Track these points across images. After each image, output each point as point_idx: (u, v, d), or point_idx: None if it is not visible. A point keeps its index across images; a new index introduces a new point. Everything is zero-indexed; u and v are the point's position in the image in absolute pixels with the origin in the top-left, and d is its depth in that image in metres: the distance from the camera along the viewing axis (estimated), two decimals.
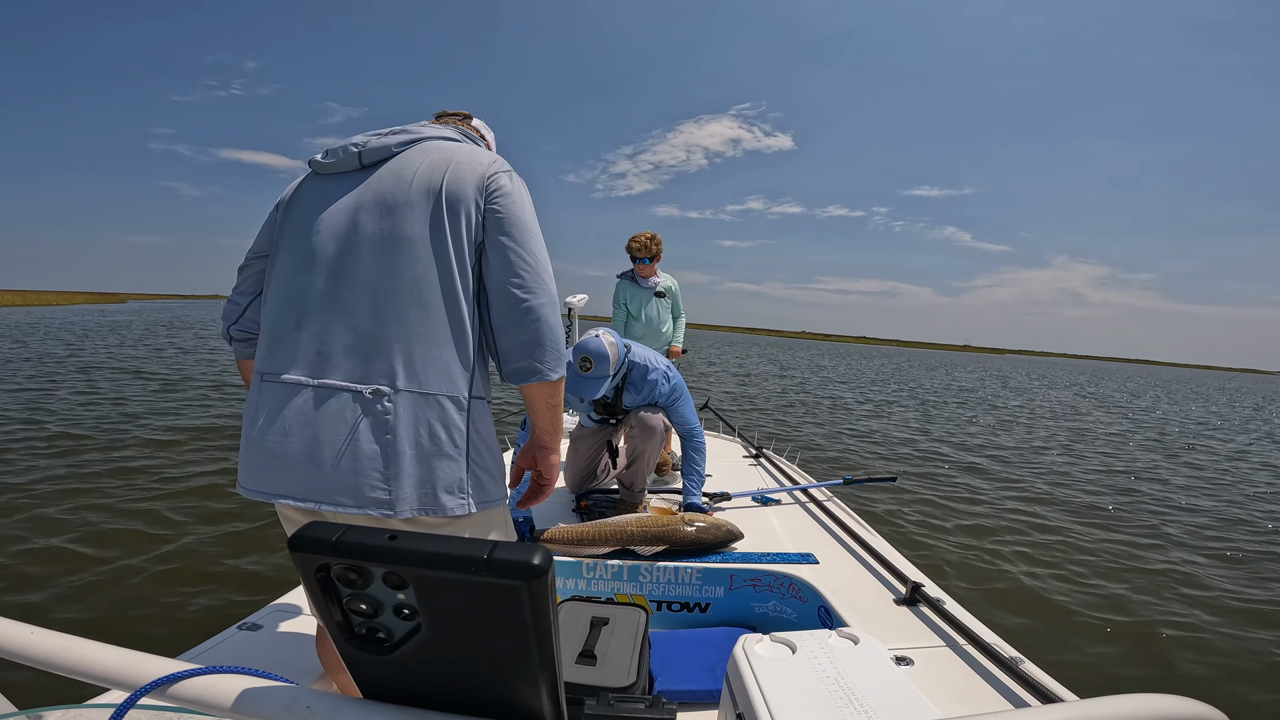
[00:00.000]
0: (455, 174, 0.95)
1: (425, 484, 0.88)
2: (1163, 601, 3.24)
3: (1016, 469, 6.52)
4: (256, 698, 0.47)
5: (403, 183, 0.95)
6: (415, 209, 0.93)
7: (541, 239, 0.99)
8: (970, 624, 1.37)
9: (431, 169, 0.95)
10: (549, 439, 1.05)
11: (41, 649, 0.51)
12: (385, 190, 0.95)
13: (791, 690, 0.93)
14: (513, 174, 1.00)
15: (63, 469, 4.32)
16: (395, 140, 1.00)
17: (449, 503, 0.90)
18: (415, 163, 0.97)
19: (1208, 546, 4.20)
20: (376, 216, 0.93)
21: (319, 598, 0.43)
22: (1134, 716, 0.46)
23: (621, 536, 1.85)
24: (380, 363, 0.89)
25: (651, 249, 3.13)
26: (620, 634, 1.32)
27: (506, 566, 0.38)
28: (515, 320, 0.94)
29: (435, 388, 0.90)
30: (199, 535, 3.30)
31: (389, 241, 0.92)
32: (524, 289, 0.93)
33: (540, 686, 0.44)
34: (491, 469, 0.96)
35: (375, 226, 0.93)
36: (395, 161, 0.98)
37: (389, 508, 0.87)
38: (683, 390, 2.37)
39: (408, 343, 0.90)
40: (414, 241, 0.92)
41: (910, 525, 4.24)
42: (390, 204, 0.94)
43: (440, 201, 0.93)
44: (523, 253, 0.95)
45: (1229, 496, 5.86)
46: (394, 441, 0.87)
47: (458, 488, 0.90)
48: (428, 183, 0.94)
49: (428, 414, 0.89)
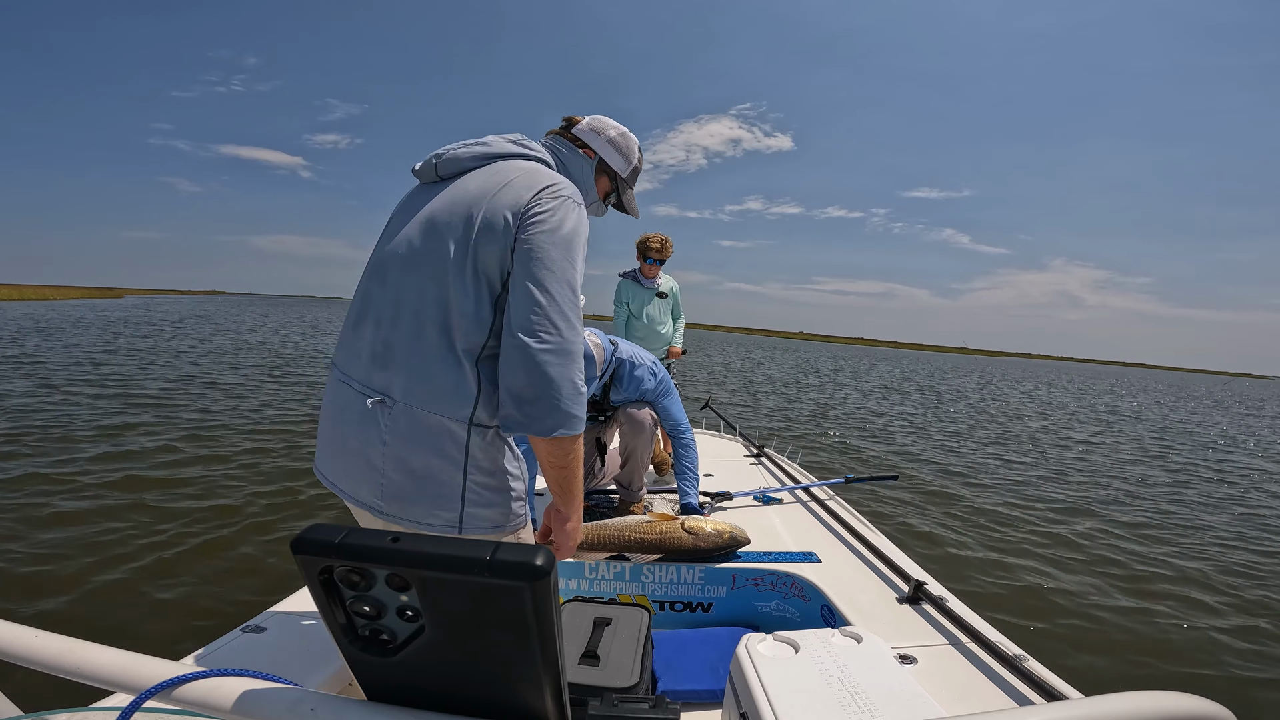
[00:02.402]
0: (497, 200, 0.92)
1: (416, 500, 0.90)
2: (1169, 599, 3.23)
3: (1017, 468, 6.51)
4: (261, 700, 0.47)
5: (454, 202, 0.95)
6: (454, 230, 0.92)
7: (571, 278, 0.92)
8: (974, 622, 1.36)
9: (481, 191, 0.94)
10: (560, 502, 0.99)
11: (46, 652, 0.51)
12: (438, 207, 0.96)
13: (795, 689, 0.93)
14: (563, 200, 0.94)
15: (47, 467, 4.33)
16: (468, 154, 1.00)
17: (434, 522, 0.91)
18: (472, 182, 0.96)
19: (1213, 545, 4.19)
20: (421, 232, 0.95)
21: (322, 600, 0.43)
22: (1140, 714, 0.46)
23: (620, 542, 1.85)
24: (389, 374, 0.91)
25: (665, 252, 3.14)
26: (623, 634, 1.32)
27: (509, 568, 0.39)
28: (513, 363, 0.87)
29: (435, 409, 0.89)
30: (199, 535, 3.30)
31: (423, 258, 0.93)
32: (527, 331, 0.87)
33: (544, 687, 0.44)
34: (489, 499, 0.93)
35: (418, 242, 0.94)
36: (464, 177, 0.99)
37: (381, 514, 0.92)
38: (670, 387, 2.37)
39: (417, 360, 0.90)
40: (444, 263, 0.91)
41: (913, 523, 4.24)
42: (435, 221, 0.94)
43: (474, 226, 0.91)
44: (537, 292, 0.88)
45: (1233, 495, 5.85)
46: (388, 452, 0.90)
47: (444, 508, 0.90)
48: (471, 206, 0.93)
49: (423, 432, 0.89)
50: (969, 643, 1.30)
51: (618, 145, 1.17)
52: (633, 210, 1.28)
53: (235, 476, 4.45)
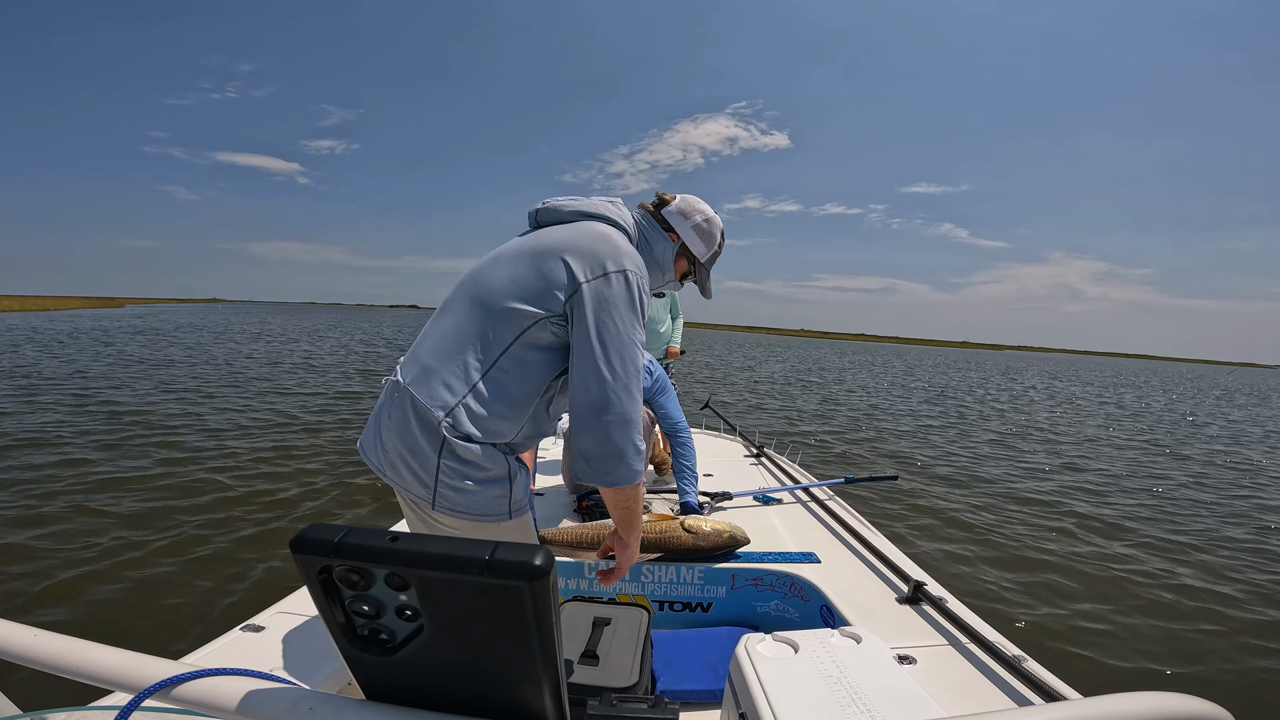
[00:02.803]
0: (566, 254, 1.01)
1: (403, 470, 1.01)
2: (1168, 599, 3.23)
3: (1017, 467, 6.51)
4: (260, 699, 0.47)
5: (531, 244, 1.05)
6: (517, 265, 1.03)
7: (634, 353, 1.00)
8: (973, 622, 1.36)
9: (554, 243, 1.03)
10: (622, 531, 1.13)
11: (45, 651, 0.51)
12: (519, 245, 1.08)
13: (794, 690, 0.93)
14: (621, 278, 1.00)
15: (48, 467, 4.33)
16: (564, 208, 1.12)
17: (416, 493, 1.00)
18: (554, 233, 1.07)
19: (1214, 544, 4.19)
20: (495, 263, 1.07)
21: (321, 599, 0.43)
22: (1138, 715, 0.46)
23: None
24: (411, 365, 1.04)
25: None
26: (622, 634, 1.32)
27: (508, 567, 0.38)
28: (582, 427, 0.99)
29: (425, 397, 0.99)
30: (198, 534, 3.30)
31: (483, 293, 1.03)
32: (595, 404, 0.97)
33: (543, 687, 0.44)
34: (459, 485, 0.98)
35: (489, 270, 1.06)
36: (552, 227, 1.10)
37: (385, 476, 1.05)
38: (666, 385, 2.37)
39: (432, 360, 1.02)
40: (496, 301, 1.01)
41: (913, 523, 4.24)
42: (507, 257, 1.06)
43: (536, 269, 1.01)
44: (604, 367, 0.97)
45: (1235, 494, 5.85)
46: (390, 425, 1.02)
47: (421, 483, 0.99)
48: (541, 251, 1.03)
49: (411, 414, 1.00)
50: (968, 643, 1.30)
51: (701, 231, 1.23)
52: (706, 293, 1.34)
53: (235, 477, 4.45)
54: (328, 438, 6.00)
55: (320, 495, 4.19)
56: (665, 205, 1.22)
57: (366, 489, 4.37)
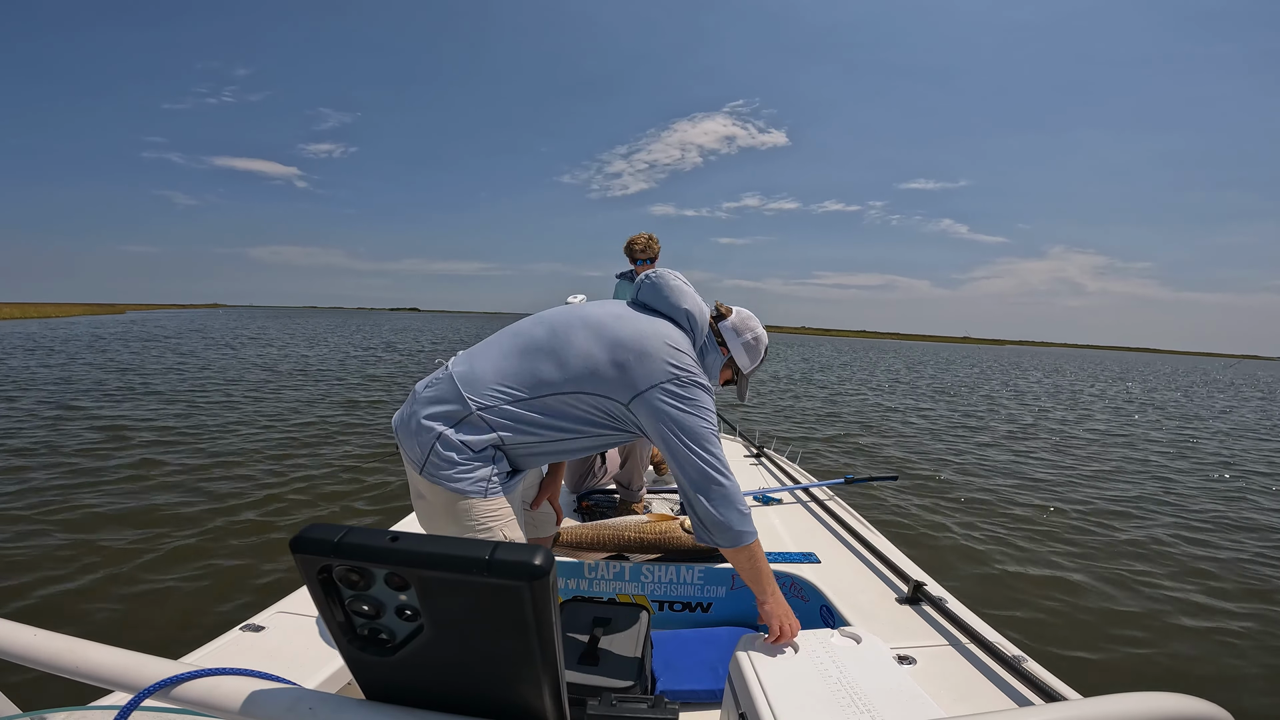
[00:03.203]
0: (629, 359, 1.17)
1: (412, 434, 1.17)
2: (1168, 600, 3.23)
3: (1018, 467, 6.51)
4: (260, 699, 0.47)
5: (608, 335, 1.19)
6: (591, 355, 1.17)
7: (716, 441, 1.18)
8: (973, 623, 1.36)
9: (632, 337, 1.19)
10: (755, 589, 1.20)
11: (45, 651, 0.51)
12: (596, 320, 1.22)
13: (794, 690, 0.93)
14: (684, 384, 1.17)
15: (48, 468, 4.33)
16: (661, 299, 1.28)
17: (412, 454, 1.16)
18: (629, 324, 1.22)
19: (1215, 543, 4.19)
20: (576, 328, 1.21)
21: (321, 599, 0.43)
22: (1138, 715, 0.46)
23: (619, 542, 1.85)
24: (468, 358, 1.23)
25: (652, 249, 3.15)
26: (622, 634, 1.32)
27: (508, 567, 0.38)
28: (689, 500, 1.18)
29: (465, 389, 1.16)
30: (198, 534, 3.30)
31: (559, 345, 1.19)
32: (702, 489, 1.16)
33: (542, 687, 0.44)
34: (450, 458, 1.13)
35: (567, 335, 1.20)
36: (644, 313, 1.26)
37: (396, 434, 1.22)
38: None
39: (486, 366, 1.18)
40: (564, 360, 1.17)
41: (913, 523, 4.23)
42: (589, 329, 1.21)
43: (605, 363, 1.16)
44: (700, 460, 1.15)
45: (1234, 495, 5.85)
46: (419, 396, 1.20)
47: (420, 446, 1.14)
48: (616, 349, 1.18)
49: (438, 401, 1.17)
50: (968, 643, 1.30)
51: (749, 348, 1.37)
52: (742, 397, 1.47)
53: (236, 475, 4.45)
54: (328, 438, 6.00)
55: (319, 495, 4.19)
56: (723, 319, 1.35)
57: (368, 489, 4.37)
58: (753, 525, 1.18)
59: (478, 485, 1.14)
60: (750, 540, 1.17)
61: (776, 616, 1.15)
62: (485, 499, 1.15)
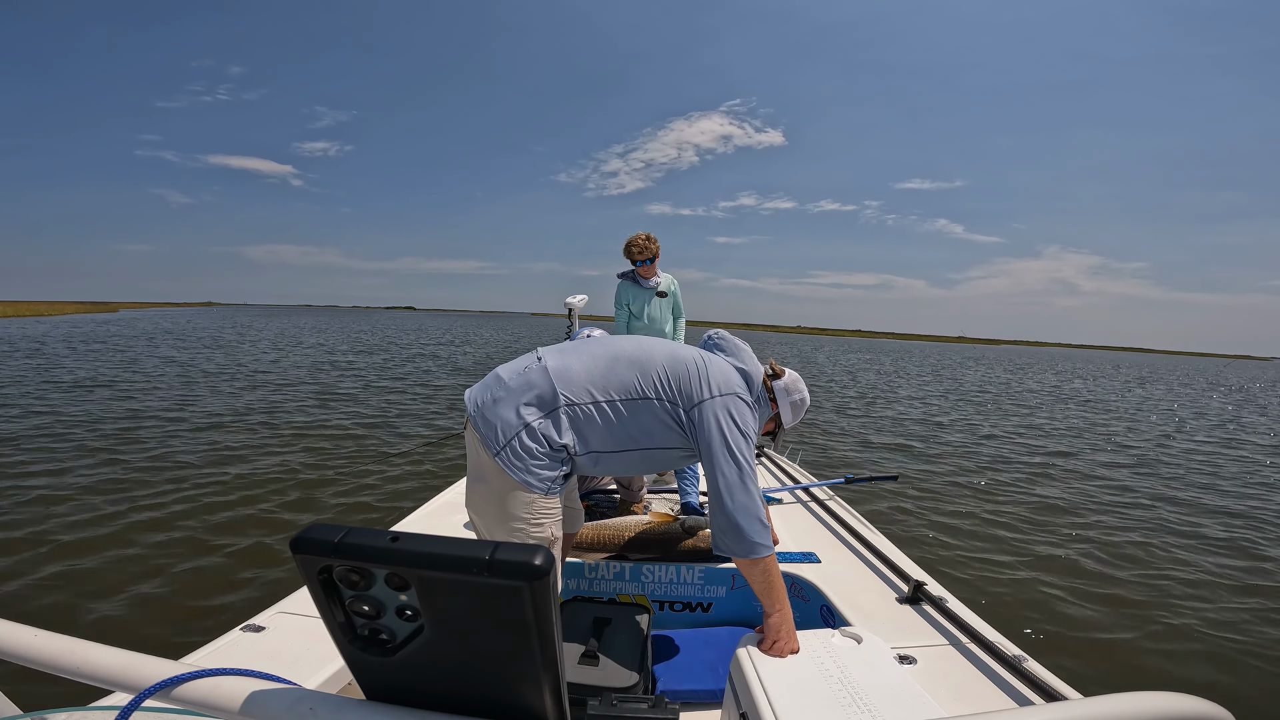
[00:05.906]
0: (700, 372, 1.31)
1: (490, 420, 1.24)
2: (1168, 599, 3.23)
3: (1018, 467, 6.51)
4: (260, 699, 0.47)
5: (683, 347, 1.38)
6: (669, 363, 1.32)
7: (752, 460, 1.27)
8: (973, 622, 1.36)
9: (705, 359, 1.35)
10: (764, 603, 1.22)
11: (45, 651, 0.51)
12: (679, 346, 1.39)
13: (795, 689, 0.93)
14: (740, 407, 1.29)
15: (48, 467, 4.33)
16: (722, 343, 1.46)
17: (490, 436, 1.22)
18: (706, 354, 1.38)
19: (1214, 544, 4.19)
20: (659, 345, 1.37)
21: (321, 599, 0.43)
22: (1138, 715, 0.46)
23: (619, 543, 1.85)
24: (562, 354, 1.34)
25: (651, 250, 3.14)
26: (623, 634, 1.32)
27: (508, 567, 0.38)
28: (718, 515, 1.25)
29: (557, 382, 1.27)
30: (198, 534, 3.30)
31: (643, 355, 1.33)
32: (727, 496, 1.23)
33: (543, 687, 0.44)
34: (521, 454, 1.21)
35: (651, 350, 1.35)
36: (708, 353, 1.40)
37: (471, 415, 1.29)
38: None
39: (577, 365, 1.29)
40: (647, 368, 1.30)
41: (913, 523, 4.23)
42: (668, 349, 1.35)
43: (680, 369, 1.30)
44: (718, 471, 1.24)
45: (1235, 491, 5.85)
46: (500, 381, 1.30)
47: (504, 433, 1.22)
48: (690, 360, 1.33)
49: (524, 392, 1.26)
50: (969, 643, 1.30)
51: (795, 407, 1.47)
52: (778, 448, 1.64)
53: (236, 475, 4.45)
54: (329, 439, 6.00)
55: (320, 495, 4.19)
56: (777, 378, 1.47)
57: (368, 489, 4.37)
58: (770, 540, 1.22)
59: (544, 482, 1.22)
60: (766, 554, 1.21)
61: (778, 629, 1.14)
62: (546, 497, 1.23)
